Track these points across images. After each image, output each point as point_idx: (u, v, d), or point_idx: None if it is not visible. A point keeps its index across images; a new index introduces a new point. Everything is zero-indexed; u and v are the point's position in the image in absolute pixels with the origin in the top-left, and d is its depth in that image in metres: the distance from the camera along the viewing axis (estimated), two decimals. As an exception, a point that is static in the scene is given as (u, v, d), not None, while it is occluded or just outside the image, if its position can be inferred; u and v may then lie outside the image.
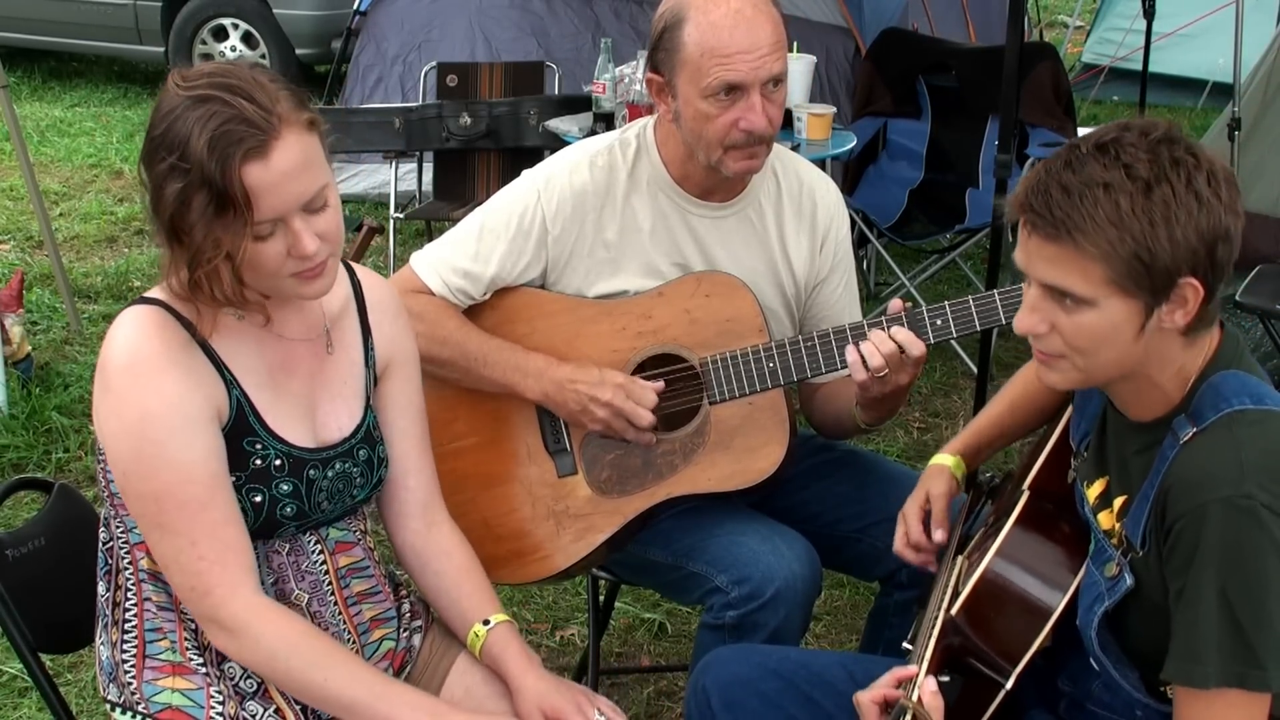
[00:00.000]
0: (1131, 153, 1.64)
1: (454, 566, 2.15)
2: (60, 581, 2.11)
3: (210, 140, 1.73)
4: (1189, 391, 1.75)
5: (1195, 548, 1.65)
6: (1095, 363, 1.73)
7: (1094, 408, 1.97)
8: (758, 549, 2.36)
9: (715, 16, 2.32)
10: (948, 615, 1.91)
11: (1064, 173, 1.66)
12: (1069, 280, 1.66)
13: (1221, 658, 1.64)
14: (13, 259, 6.10)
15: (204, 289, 1.82)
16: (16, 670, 3.26)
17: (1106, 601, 1.79)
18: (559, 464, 2.51)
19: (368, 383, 2.07)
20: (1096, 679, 1.90)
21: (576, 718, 2.01)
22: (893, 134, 6.04)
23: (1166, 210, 1.61)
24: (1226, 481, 1.63)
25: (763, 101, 2.35)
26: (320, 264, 1.85)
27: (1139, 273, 1.63)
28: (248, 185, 1.75)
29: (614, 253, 2.49)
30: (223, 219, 1.76)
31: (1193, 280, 1.65)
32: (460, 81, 5.92)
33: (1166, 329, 1.69)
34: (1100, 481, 1.90)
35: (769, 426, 2.44)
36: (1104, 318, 1.67)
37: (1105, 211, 1.62)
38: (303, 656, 1.88)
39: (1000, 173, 3.85)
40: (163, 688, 1.94)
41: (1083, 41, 10.54)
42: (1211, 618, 1.64)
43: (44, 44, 9.49)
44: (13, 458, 4.31)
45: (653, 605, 3.63)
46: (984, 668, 1.90)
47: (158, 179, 1.78)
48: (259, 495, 1.91)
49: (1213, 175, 1.64)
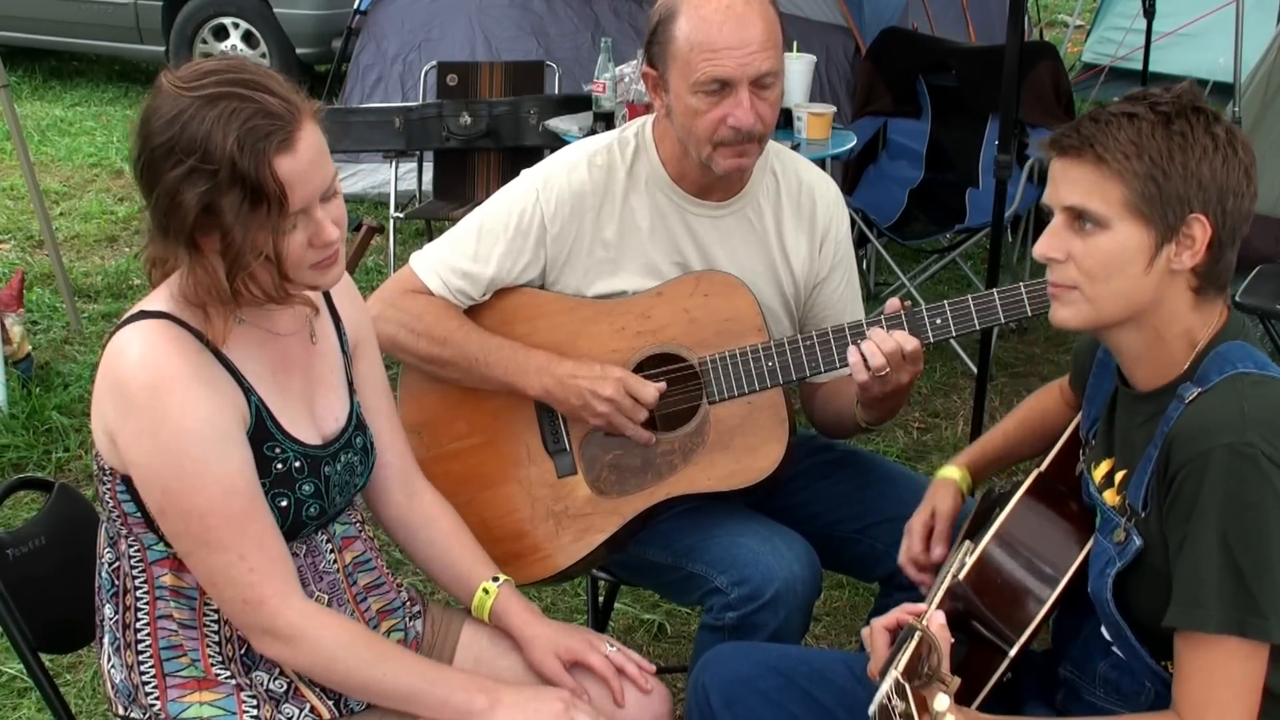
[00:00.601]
0: (1158, 95, 1.77)
1: (442, 532, 2.20)
2: (60, 581, 2.11)
3: (240, 137, 1.72)
4: (1195, 359, 1.79)
5: (1197, 494, 1.68)
6: (1105, 292, 1.78)
7: (1103, 396, 1.99)
8: (757, 550, 2.36)
9: (706, 11, 2.32)
10: (955, 580, 1.95)
11: (1096, 111, 1.79)
12: (1088, 199, 1.75)
13: (1222, 603, 1.67)
14: (13, 258, 6.10)
15: (245, 293, 1.81)
16: (16, 670, 3.26)
17: (1118, 563, 1.82)
18: (558, 464, 2.51)
19: (346, 367, 2.08)
20: (1103, 659, 1.91)
21: (591, 655, 2.10)
22: (893, 133, 6.04)
23: (1184, 142, 1.73)
24: (1228, 429, 1.68)
25: (752, 99, 2.34)
26: (336, 250, 1.87)
27: (1152, 194, 1.72)
28: (281, 178, 1.75)
29: (613, 252, 2.49)
30: (258, 215, 1.75)
31: (1202, 217, 1.73)
32: (460, 81, 5.92)
33: (1175, 271, 1.76)
34: (1106, 462, 1.93)
35: (768, 426, 2.44)
36: (1116, 242, 1.75)
37: (1127, 133, 1.74)
38: (360, 655, 1.91)
39: (1000, 172, 3.85)
40: (189, 703, 1.93)
41: (1083, 41, 10.52)
42: (1213, 562, 1.67)
43: (45, 43, 9.50)
44: (13, 457, 4.31)
45: (652, 606, 3.63)
46: (989, 634, 1.92)
47: (171, 186, 1.74)
48: (285, 500, 1.91)
49: (1231, 133, 1.76)
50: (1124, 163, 1.73)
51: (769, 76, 2.35)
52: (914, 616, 1.88)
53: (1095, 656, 1.93)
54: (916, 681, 1.63)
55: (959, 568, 1.98)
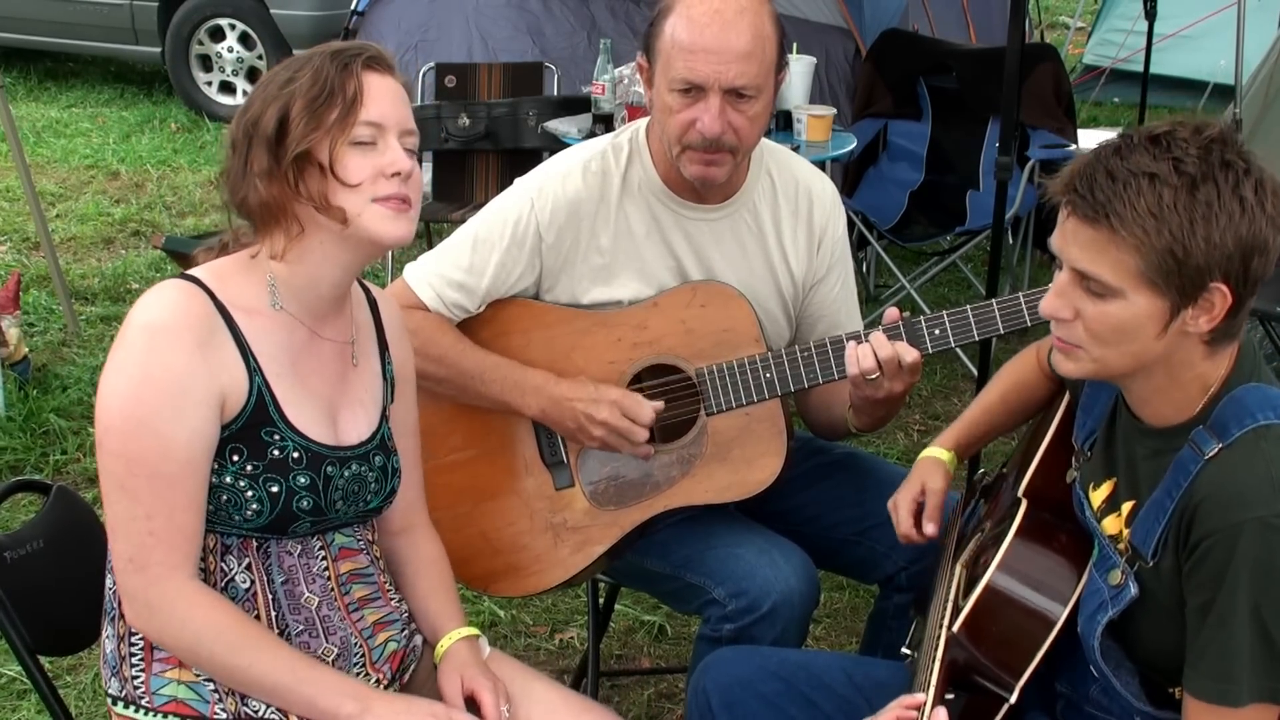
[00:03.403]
0: (1183, 147, 1.62)
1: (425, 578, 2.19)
2: (59, 583, 2.10)
3: (335, 51, 1.87)
4: (1208, 402, 1.74)
5: (1227, 565, 1.64)
6: (1113, 355, 1.72)
7: (1101, 406, 1.95)
8: (755, 562, 2.35)
9: (695, 12, 2.30)
10: (950, 632, 1.90)
11: (1112, 158, 1.65)
12: (1100, 268, 1.65)
13: (1255, 675, 1.65)
14: (9, 260, 6.09)
15: (289, 184, 1.85)
16: (15, 672, 3.25)
17: (1110, 611, 1.79)
18: (556, 476, 2.49)
19: (385, 397, 2.08)
20: (1094, 683, 1.90)
21: (485, 694, 2.03)
22: (893, 135, 6.03)
23: (1208, 210, 1.60)
24: (1260, 501, 1.63)
25: (726, 109, 2.31)
26: (406, 197, 1.89)
27: (1170, 269, 1.62)
28: (363, 83, 1.85)
29: (608, 259, 2.47)
30: (329, 110, 1.83)
31: (1223, 286, 1.64)
32: (459, 82, 5.91)
33: (1190, 333, 1.69)
34: (1107, 484, 1.89)
35: (766, 438, 2.43)
36: (1129, 311, 1.67)
37: (1147, 202, 1.61)
38: (226, 642, 1.87)
39: (1001, 175, 3.83)
40: (169, 679, 1.93)
41: (1084, 43, 10.52)
42: (1245, 636, 1.64)
43: (40, 44, 9.47)
44: (10, 460, 4.30)
45: (653, 608, 3.62)
46: (987, 683, 1.89)
47: (252, 118, 1.86)
48: (276, 486, 1.90)
49: (1260, 185, 1.63)
50: (1141, 237, 1.61)
51: (747, 90, 2.31)
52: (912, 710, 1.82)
53: (1087, 680, 1.91)
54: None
55: (952, 614, 1.93)
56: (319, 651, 1.98)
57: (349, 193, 1.86)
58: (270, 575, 1.95)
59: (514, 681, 2.11)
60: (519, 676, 2.13)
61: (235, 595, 1.93)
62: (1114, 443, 1.90)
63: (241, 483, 1.88)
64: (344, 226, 1.87)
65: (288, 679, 1.89)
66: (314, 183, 1.85)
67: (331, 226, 1.87)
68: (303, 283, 1.93)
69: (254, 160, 1.86)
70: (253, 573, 1.94)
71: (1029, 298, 2.26)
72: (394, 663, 2.09)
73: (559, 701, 2.11)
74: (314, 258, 1.91)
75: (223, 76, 8.94)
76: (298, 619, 1.97)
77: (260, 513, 1.90)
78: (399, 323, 2.16)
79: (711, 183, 2.41)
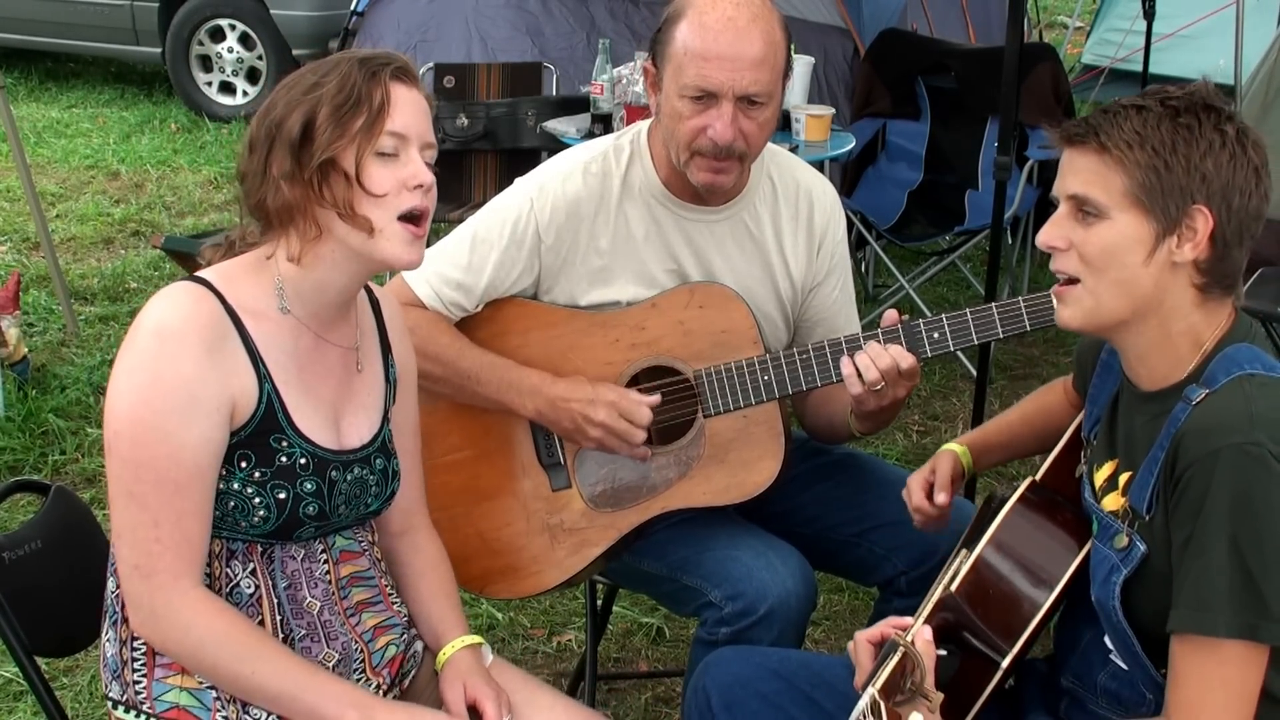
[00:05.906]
0: (1171, 91, 1.78)
1: (427, 580, 2.18)
2: (56, 585, 2.10)
3: (362, 59, 1.86)
4: (1201, 360, 1.79)
5: (1204, 494, 1.67)
6: (1104, 283, 1.77)
7: (1107, 395, 1.98)
8: (751, 565, 2.35)
9: (708, 19, 2.30)
10: (946, 592, 1.93)
11: (1110, 104, 1.80)
12: (1089, 188, 1.76)
13: (1233, 607, 1.65)
14: (9, 260, 6.09)
15: (313, 189, 1.85)
16: (12, 674, 3.24)
17: (1124, 570, 1.80)
18: (552, 478, 2.49)
19: (387, 399, 2.08)
20: (1103, 670, 1.90)
21: (488, 704, 2.03)
22: (892, 135, 6.03)
23: (1189, 135, 1.72)
24: (1237, 430, 1.67)
25: (738, 115, 2.31)
26: (426, 213, 1.90)
27: (1153, 185, 1.73)
28: (390, 93, 1.85)
29: (607, 260, 2.47)
30: (354, 118, 1.83)
31: (1204, 209, 1.72)
32: (457, 82, 5.91)
33: (1177, 264, 1.75)
34: (1109, 464, 1.92)
35: (764, 440, 2.43)
36: (1116, 231, 1.75)
37: (1133, 124, 1.74)
38: (230, 650, 1.87)
39: (1000, 174, 3.83)
40: (172, 685, 1.93)
41: (1082, 42, 10.52)
42: (1222, 565, 1.66)
43: (41, 45, 9.47)
44: (9, 460, 4.29)
45: (651, 610, 3.62)
46: (981, 645, 1.91)
47: (275, 120, 1.85)
48: (283, 492, 1.90)
49: (1243, 131, 1.75)
50: (1126, 152, 1.73)
51: (759, 97, 2.32)
52: (899, 631, 1.86)
53: (1095, 668, 1.92)
54: (899, 697, 1.62)
55: (951, 578, 1.96)
56: (320, 656, 1.98)
57: (375, 203, 1.85)
58: (274, 580, 1.95)
59: (517, 691, 2.10)
60: (522, 686, 2.13)
61: (240, 600, 1.93)
62: (1116, 423, 1.93)
63: (249, 489, 1.88)
64: (369, 236, 1.87)
65: (291, 687, 1.88)
66: (339, 189, 1.85)
67: (354, 235, 1.87)
68: (311, 287, 1.93)
69: (275, 162, 1.85)
70: (257, 578, 1.94)
71: (1028, 302, 2.26)
72: (393, 667, 2.09)
73: (562, 711, 2.11)
74: (325, 264, 1.91)
75: (223, 77, 8.95)
76: (300, 624, 1.97)
77: (267, 519, 1.89)
78: (399, 320, 2.16)
79: (719, 189, 2.42)
